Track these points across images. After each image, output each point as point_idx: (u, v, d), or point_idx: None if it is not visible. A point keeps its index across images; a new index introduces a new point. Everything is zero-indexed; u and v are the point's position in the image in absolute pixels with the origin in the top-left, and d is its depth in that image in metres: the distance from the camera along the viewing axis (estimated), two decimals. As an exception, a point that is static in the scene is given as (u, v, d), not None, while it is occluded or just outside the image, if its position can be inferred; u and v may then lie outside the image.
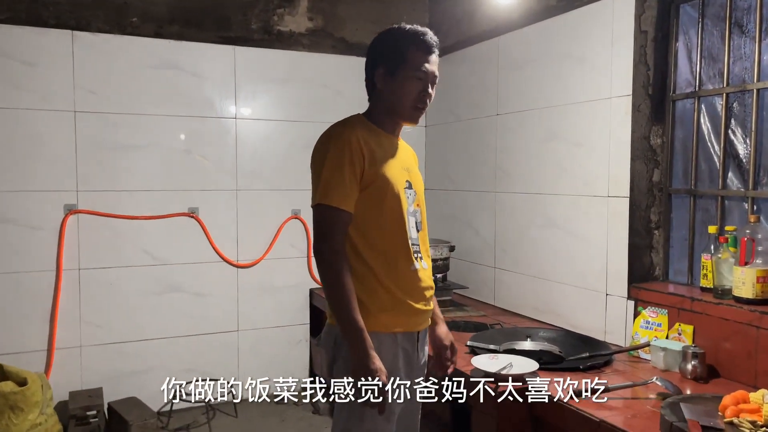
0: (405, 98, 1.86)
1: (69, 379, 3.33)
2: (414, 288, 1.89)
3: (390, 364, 1.86)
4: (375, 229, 1.84)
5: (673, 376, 2.22)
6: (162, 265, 3.54)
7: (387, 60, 1.85)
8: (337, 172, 1.77)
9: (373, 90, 1.92)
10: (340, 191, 1.77)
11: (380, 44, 1.90)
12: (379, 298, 1.84)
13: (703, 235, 2.52)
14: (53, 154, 3.26)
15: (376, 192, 1.83)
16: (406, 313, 1.90)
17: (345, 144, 1.79)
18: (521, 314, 3.24)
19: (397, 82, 1.85)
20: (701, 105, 2.53)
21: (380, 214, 1.83)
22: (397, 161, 1.91)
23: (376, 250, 1.84)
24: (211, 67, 3.60)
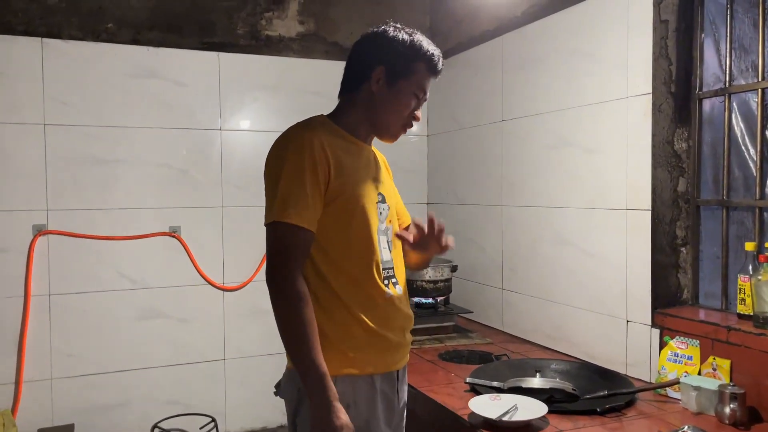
0: (397, 112, 1.65)
1: (38, 415, 3.05)
2: (390, 318, 1.59)
3: (367, 412, 1.58)
4: (342, 251, 1.55)
5: (708, 421, 1.88)
6: (141, 289, 3.27)
7: (391, 65, 1.62)
8: (296, 183, 1.50)
9: (358, 89, 1.66)
10: (301, 206, 1.48)
11: (389, 44, 1.64)
12: (351, 333, 1.56)
13: (738, 253, 2.18)
14: (21, 170, 3.02)
15: (342, 207, 1.54)
16: (383, 350, 1.61)
17: (306, 150, 1.52)
18: (532, 341, 2.91)
19: (393, 93, 1.63)
20: (732, 103, 2.20)
21: (348, 233, 1.55)
22: (367, 171, 1.63)
23: (344, 275, 1.55)
24: (193, 76, 3.35)
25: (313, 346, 1.45)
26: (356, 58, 1.68)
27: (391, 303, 1.62)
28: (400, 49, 1.63)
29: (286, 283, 1.46)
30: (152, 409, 3.27)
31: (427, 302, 3.04)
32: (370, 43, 1.66)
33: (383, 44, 1.64)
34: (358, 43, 1.70)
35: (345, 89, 1.71)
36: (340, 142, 1.60)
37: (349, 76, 1.69)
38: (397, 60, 1.62)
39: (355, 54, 1.69)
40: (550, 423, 1.90)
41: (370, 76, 1.63)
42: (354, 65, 1.68)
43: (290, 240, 1.48)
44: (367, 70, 1.64)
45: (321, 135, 1.55)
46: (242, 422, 3.49)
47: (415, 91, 1.65)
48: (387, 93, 1.63)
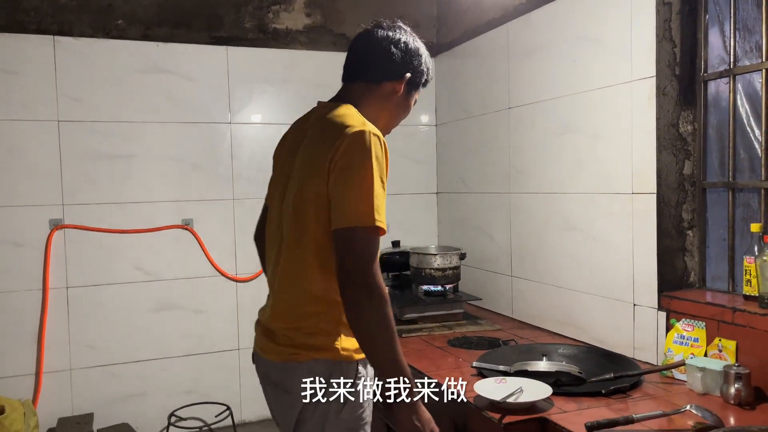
0: (401, 117, 1.76)
1: (59, 405, 3.13)
2: None
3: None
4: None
5: (713, 401, 1.89)
6: (155, 281, 3.33)
7: (414, 75, 1.69)
8: (380, 187, 1.44)
9: (379, 83, 1.66)
10: (383, 212, 1.44)
11: (418, 56, 1.70)
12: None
13: (745, 235, 2.17)
14: (36, 166, 3.09)
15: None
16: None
17: (383, 153, 1.49)
18: (541, 327, 2.92)
19: (407, 100, 1.72)
20: (737, 84, 2.19)
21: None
22: None
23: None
24: (202, 70, 3.39)
25: (400, 349, 1.44)
26: (386, 55, 1.66)
27: None
28: (423, 64, 1.71)
29: (382, 286, 1.41)
30: (169, 399, 3.34)
31: (436, 290, 3.06)
32: (405, 47, 1.68)
33: (414, 54, 1.69)
34: (391, 41, 1.67)
35: (364, 77, 1.68)
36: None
37: (372, 67, 1.67)
38: (418, 73, 1.70)
39: (384, 49, 1.66)
40: (554, 404, 1.92)
41: (396, 79, 1.66)
42: (381, 59, 1.66)
43: (377, 244, 1.44)
44: (396, 70, 1.66)
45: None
46: (256, 411, 3.54)
47: (415, 101, 1.76)
48: (403, 99, 1.70)
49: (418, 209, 3.92)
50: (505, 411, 1.87)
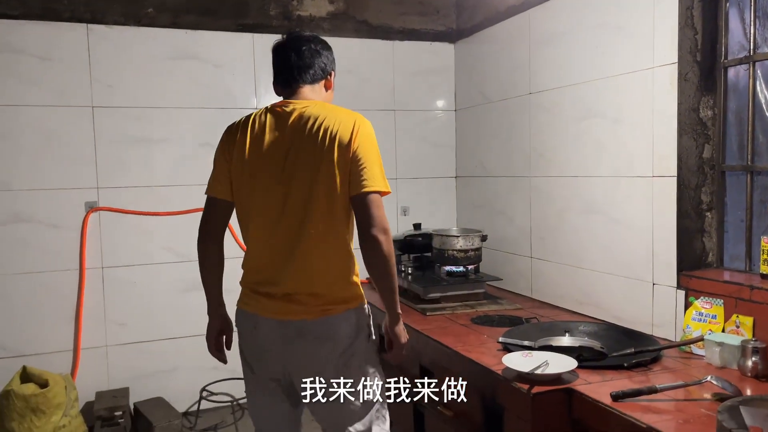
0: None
1: (96, 379, 3.28)
2: None
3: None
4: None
5: (731, 374, 1.98)
6: (186, 262, 3.45)
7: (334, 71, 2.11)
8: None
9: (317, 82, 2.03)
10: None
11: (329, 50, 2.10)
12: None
13: (762, 217, 2.26)
14: (72, 150, 3.21)
15: None
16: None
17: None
18: (560, 307, 3.02)
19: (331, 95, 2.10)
20: (757, 70, 2.26)
21: None
22: None
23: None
24: (229, 57, 3.49)
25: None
26: (317, 59, 2.01)
27: None
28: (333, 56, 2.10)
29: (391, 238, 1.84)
30: (199, 374, 3.48)
31: (459, 270, 3.16)
32: (327, 52, 2.07)
33: (330, 51, 2.09)
34: (317, 43, 2.05)
35: (309, 79, 2.00)
36: None
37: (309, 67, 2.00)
38: (333, 65, 2.10)
39: (313, 54, 2.02)
40: (579, 376, 2.03)
41: (328, 78, 2.06)
42: (314, 63, 2.01)
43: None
44: (326, 71, 2.05)
45: None
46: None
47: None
48: (331, 95, 2.09)
49: (437, 193, 4.02)
50: (532, 382, 1.97)
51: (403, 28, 3.84)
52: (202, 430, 3.29)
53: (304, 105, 1.92)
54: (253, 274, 2.02)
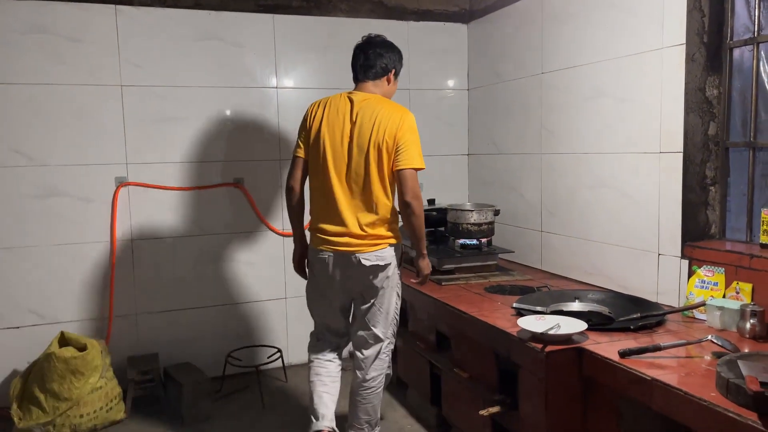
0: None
1: (127, 345, 3.45)
2: None
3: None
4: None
5: (730, 336, 2.13)
6: (210, 234, 3.61)
7: (395, 67, 2.70)
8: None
9: (380, 78, 2.64)
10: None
11: (395, 51, 2.69)
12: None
13: (763, 190, 2.39)
14: (102, 128, 3.34)
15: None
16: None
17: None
18: (569, 277, 3.18)
19: (394, 87, 2.73)
20: (760, 52, 2.38)
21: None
22: None
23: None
24: (251, 37, 3.60)
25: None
26: (379, 60, 2.63)
27: None
28: (399, 57, 2.71)
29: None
30: (224, 342, 3.65)
31: (472, 243, 3.31)
32: (386, 49, 2.66)
33: (394, 50, 2.68)
34: (377, 44, 2.66)
35: (373, 75, 2.64)
36: None
37: (373, 66, 2.63)
38: (398, 65, 2.71)
39: (377, 56, 2.63)
40: (589, 338, 2.18)
41: (389, 74, 2.66)
42: (378, 60, 2.63)
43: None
44: (387, 70, 2.65)
45: None
46: (302, 355, 3.84)
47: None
48: (392, 87, 2.70)
49: (450, 170, 4.15)
50: (546, 342, 2.13)
51: (418, 9, 3.95)
52: (228, 393, 3.48)
53: (365, 97, 2.55)
54: (317, 219, 2.60)
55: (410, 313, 3.26)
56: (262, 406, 3.32)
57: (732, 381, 1.63)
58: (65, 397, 2.92)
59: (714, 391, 1.69)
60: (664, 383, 1.78)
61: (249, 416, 3.21)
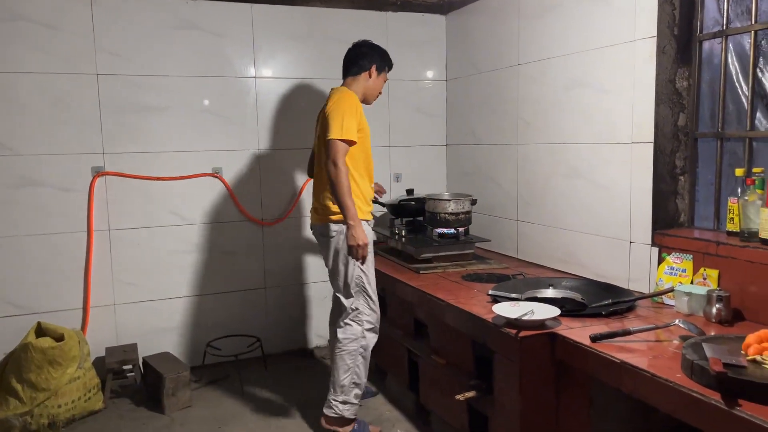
0: (378, 89, 3.00)
1: (105, 336, 3.45)
2: (371, 197, 2.98)
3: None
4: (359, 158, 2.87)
5: (698, 320, 2.20)
6: (189, 224, 3.61)
7: (377, 64, 2.94)
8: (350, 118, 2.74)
9: (358, 75, 2.92)
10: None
11: (375, 50, 2.96)
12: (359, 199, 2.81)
13: (730, 179, 2.47)
14: (78, 117, 3.32)
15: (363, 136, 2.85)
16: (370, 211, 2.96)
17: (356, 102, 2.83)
18: (544, 265, 3.24)
19: (378, 80, 2.97)
20: (729, 44, 2.45)
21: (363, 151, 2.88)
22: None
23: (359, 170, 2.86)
24: (229, 27, 3.59)
25: (350, 197, 2.66)
26: (357, 56, 2.93)
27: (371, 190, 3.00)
28: (384, 55, 2.99)
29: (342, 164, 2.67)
30: (203, 331, 3.66)
31: (450, 232, 3.35)
32: (367, 48, 2.95)
33: (374, 49, 2.96)
34: (359, 46, 2.97)
35: (350, 73, 2.94)
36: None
37: (352, 66, 2.93)
38: (381, 61, 2.96)
39: (356, 53, 2.94)
40: (562, 323, 2.24)
41: (369, 69, 2.92)
42: (356, 60, 2.93)
43: (341, 145, 2.69)
44: (367, 64, 2.92)
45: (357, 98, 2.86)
46: (281, 344, 3.88)
47: (385, 78, 3.02)
48: (373, 80, 2.94)
49: (428, 160, 4.19)
50: (520, 327, 2.18)
51: (397, 0, 3.96)
52: (208, 383, 3.49)
53: (334, 89, 2.90)
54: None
55: (388, 301, 3.30)
56: (242, 394, 3.34)
57: (696, 363, 1.69)
58: (43, 387, 2.92)
59: (680, 373, 1.75)
60: (632, 366, 1.84)
61: (229, 405, 3.23)
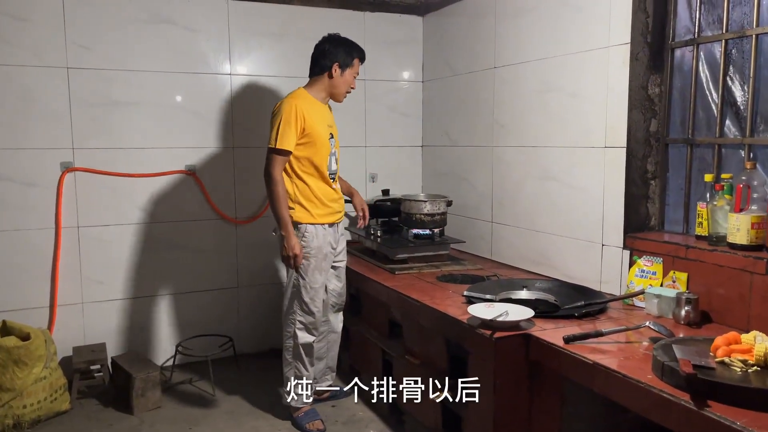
0: (344, 87, 2.93)
1: (72, 335, 3.37)
2: (333, 199, 2.95)
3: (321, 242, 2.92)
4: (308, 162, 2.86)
5: (667, 323, 2.25)
6: (161, 222, 3.55)
7: (340, 59, 2.86)
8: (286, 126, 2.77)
9: (321, 74, 2.88)
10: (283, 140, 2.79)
11: (338, 46, 2.87)
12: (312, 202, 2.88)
13: (699, 184, 2.52)
14: (47, 111, 3.24)
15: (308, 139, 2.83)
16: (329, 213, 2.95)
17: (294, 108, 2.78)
18: (518, 267, 3.27)
19: (343, 77, 2.89)
20: (700, 52, 2.50)
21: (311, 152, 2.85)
22: (322, 120, 2.87)
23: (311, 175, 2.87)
24: (205, 22, 3.55)
25: (284, 207, 2.78)
26: (318, 55, 2.90)
27: (336, 192, 2.97)
28: (347, 50, 2.88)
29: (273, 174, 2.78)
30: (175, 331, 3.61)
31: (425, 233, 3.37)
32: (329, 45, 2.87)
33: (337, 47, 2.86)
34: (321, 44, 2.91)
35: (313, 73, 2.93)
36: (310, 105, 2.82)
37: (314, 65, 2.91)
38: (345, 57, 2.87)
39: (318, 51, 2.90)
40: (535, 324, 2.27)
41: (330, 68, 2.86)
42: (317, 59, 2.90)
43: (275, 157, 2.78)
44: (328, 63, 2.86)
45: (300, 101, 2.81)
46: (253, 344, 3.85)
47: (353, 73, 2.93)
48: (337, 76, 2.88)
49: (404, 160, 4.20)
50: (494, 329, 2.20)
51: (374, 0, 3.96)
52: (178, 383, 3.44)
53: (290, 93, 2.91)
54: None
55: (363, 301, 3.30)
56: (213, 395, 3.30)
57: (667, 364, 1.72)
58: (8, 387, 2.84)
59: (650, 374, 1.78)
60: (604, 367, 1.87)
61: (200, 405, 3.19)
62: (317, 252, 2.87)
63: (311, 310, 2.90)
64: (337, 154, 2.98)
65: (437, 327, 2.53)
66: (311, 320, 2.91)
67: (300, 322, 2.91)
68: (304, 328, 2.92)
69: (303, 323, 2.92)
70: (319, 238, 2.87)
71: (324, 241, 2.90)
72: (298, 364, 2.94)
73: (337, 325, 3.19)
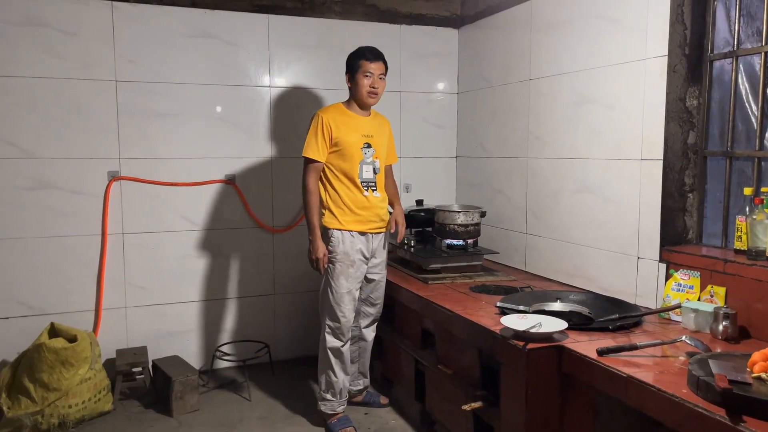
0: (361, 90, 2.97)
1: (115, 338, 3.49)
2: (365, 207, 3.00)
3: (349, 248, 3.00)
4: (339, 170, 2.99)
5: (704, 337, 2.22)
6: (201, 230, 3.66)
7: (348, 68, 3.02)
8: (314, 138, 2.97)
9: (348, 87, 3.05)
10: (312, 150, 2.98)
11: (348, 59, 3.04)
12: (341, 209, 2.98)
13: (738, 198, 2.49)
14: (96, 122, 3.38)
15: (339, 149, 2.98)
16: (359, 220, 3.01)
17: (320, 119, 2.97)
18: (552, 279, 3.26)
19: (355, 82, 2.98)
20: (739, 65, 2.48)
21: (340, 161, 2.98)
22: (357, 129, 3.00)
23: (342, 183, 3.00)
24: (245, 36, 3.65)
25: (313, 214, 2.93)
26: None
27: (368, 200, 3.01)
28: (349, 59, 3.03)
29: (307, 184, 2.96)
30: (212, 336, 3.71)
31: (458, 243, 3.39)
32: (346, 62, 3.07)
33: (347, 60, 3.04)
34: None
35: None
36: (340, 116, 3.00)
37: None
38: (349, 66, 3.02)
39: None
40: (569, 336, 2.27)
41: (347, 81, 3.04)
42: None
43: (310, 165, 2.96)
44: (345, 77, 3.05)
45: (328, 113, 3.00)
46: (289, 351, 3.91)
47: (364, 74, 2.96)
48: (353, 84, 3.00)
49: (438, 171, 4.23)
50: (527, 340, 2.21)
51: (410, 13, 4.02)
52: (216, 387, 3.52)
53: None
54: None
55: (396, 311, 3.33)
56: (249, 400, 3.37)
57: (702, 378, 1.71)
58: (54, 387, 2.96)
59: (686, 388, 1.77)
60: (638, 380, 1.86)
61: (236, 410, 3.26)
62: (343, 257, 2.94)
63: (337, 316, 2.96)
64: (377, 163, 3.04)
65: (470, 337, 2.55)
66: (337, 325, 2.98)
67: (328, 326, 3.00)
68: (331, 333, 3.00)
69: (330, 327, 3.00)
70: (345, 243, 2.95)
71: (352, 248, 2.96)
72: (328, 370, 3.00)
73: (369, 334, 3.23)
